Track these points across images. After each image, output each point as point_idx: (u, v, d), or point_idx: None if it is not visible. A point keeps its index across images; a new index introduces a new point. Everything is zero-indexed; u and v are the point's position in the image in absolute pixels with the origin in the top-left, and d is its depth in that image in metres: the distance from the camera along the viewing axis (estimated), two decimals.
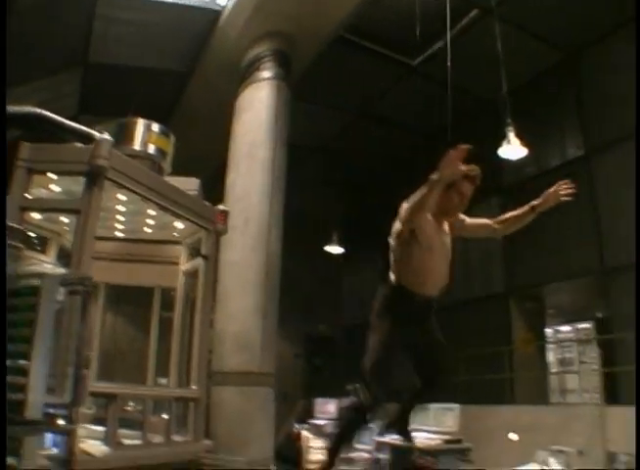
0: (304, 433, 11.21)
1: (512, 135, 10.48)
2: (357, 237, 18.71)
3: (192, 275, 6.93)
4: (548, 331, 14.00)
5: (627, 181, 11.36)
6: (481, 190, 14.51)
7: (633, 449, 6.90)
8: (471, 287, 14.68)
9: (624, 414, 9.43)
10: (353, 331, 18.45)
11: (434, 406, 9.07)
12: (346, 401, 11.55)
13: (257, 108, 11.01)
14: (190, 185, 6.80)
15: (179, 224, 6.80)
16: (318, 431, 11.17)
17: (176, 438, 5.83)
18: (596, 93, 12.62)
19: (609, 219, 11.90)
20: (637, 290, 3.34)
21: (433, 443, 8.39)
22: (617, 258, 11.55)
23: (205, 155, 14.17)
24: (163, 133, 6.89)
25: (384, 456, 9.10)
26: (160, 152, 6.76)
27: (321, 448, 10.74)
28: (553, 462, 6.38)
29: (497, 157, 11.28)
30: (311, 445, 10.87)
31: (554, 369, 13.17)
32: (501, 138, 10.64)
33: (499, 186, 14.37)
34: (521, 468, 6.44)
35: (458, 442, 8.47)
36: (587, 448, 4.48)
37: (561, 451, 6.54)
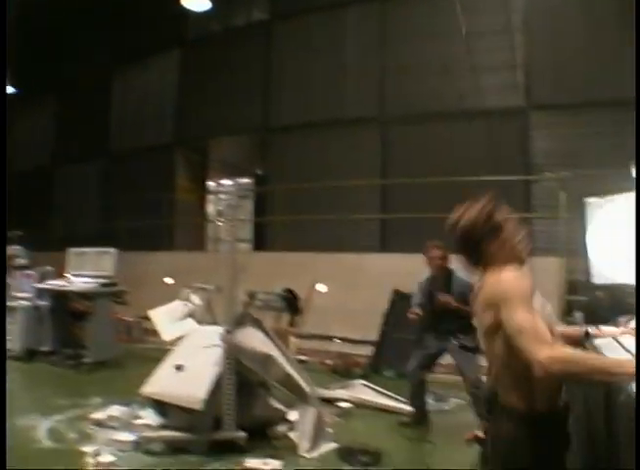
0: None
1: None
2: (28, 77, 17.11)
3: None
4: (210, 184, 14.74)
5: (308, 49, 12.09)
6: (161, 40, 14.15)
7: (268, 289, 7.87)
8: (141, 136, 14.59)
9: (266, 258, 10.63)
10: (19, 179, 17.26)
11: (90, 251, 9.05)
12: None
13: None
14: None
15: None
16: None
17: None
18: None
19: (277, 82, 12.57)
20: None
21: (88, 286, 8.51)
22: (281, 118, 12.39)
23: None
24: None
25: (43, 303, 8.98)
26: None
27: None
28: (195, 298, 7.00)
29: (182, 7, 11.13)
30: None
31: (212, 219, 14.06)
32: None
33: (182, 38, 14.19)
34: (166, 306, 6.90)
35: (114, 285, 8.70)
36: (233, 288, 5.04)
37: (202, 288, 7.19)
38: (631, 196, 4.90)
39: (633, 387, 1.73)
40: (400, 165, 10.80)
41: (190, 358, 5.23)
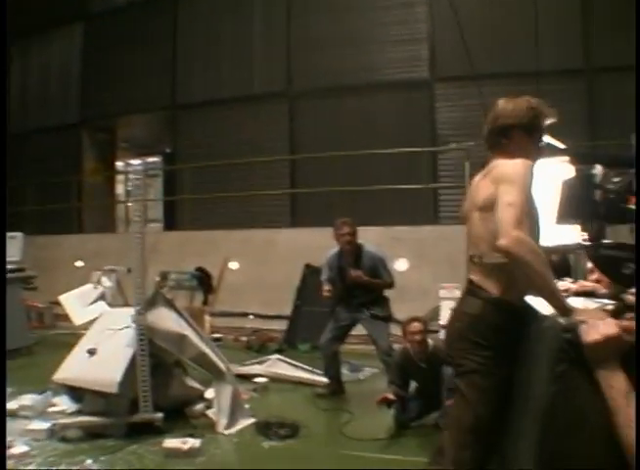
0: None
1: None
2: None
3: None
4: (119, 164, 14.40)
5: (215, 24, 11.91)
6: (63, 13, 13.53)
7: (181, 268, 7.81)
8: (44, 115, 14.06)
9: (177, 237, 10.54)
10: None
11: None
12: None
13: None
14: None
15: None
16: None
17: None
18: None
19: (184, 58, 12.36)
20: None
21: None
22: (188, 95, 12.22)
23: None
24: None
25: None
26: None
27: None
28: (105, 281, 6.92)
29: None
30: None
31: (122, 200, 13.78)
32: None
33: (85, 11, 13.68)
34: (77, 289, 6.79)
35: (21, 270, 8.43)
36: (144, 269, 4.99)
37: (112, 270, 7.11)
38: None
39: (560, 318, 1.84)
40: (310, 140, 10.88)
41: (103, 342, 5.17)
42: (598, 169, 2.17)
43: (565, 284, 2.95)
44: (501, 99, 2.68)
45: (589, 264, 2.92)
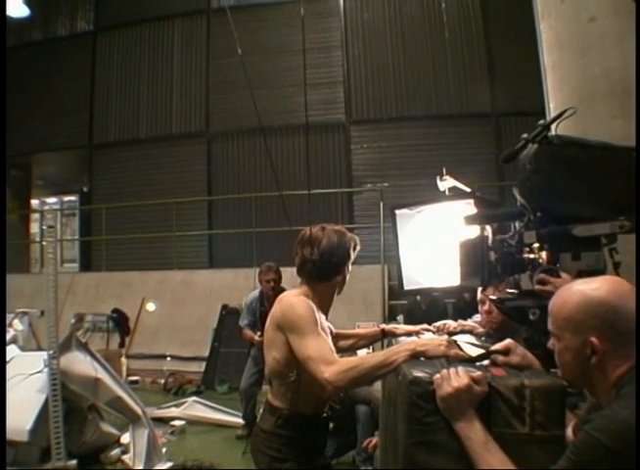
0: None
1: None
2: None
3: None
4: (34, 202, 14.06)
5: (127, 64, 11.90)
6: None
7: (97, 310, 7.69)
8: None
9: (93, 278, 10.33)
10: None
11: None
12: None
13: None
14: None
15: None
16: None
17: None
18: None
19: (103, 96, 12.29)
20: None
21: None
22: (106, 134, 12.15)
23: None
24: None
25: None
26: None
27: None
28: (17, 323, 6.75)
29: None
30: None
31: (37, 239, 13.41)
32: None
33: None
34: None
35: None
36: (57, 311, 4.91)
37: (24, 313, 6.94)
38: (437, 207, 5.34)
39: (407, 367, 1.88)
40: (227, 181, 10.98)
41: (13, 387, 5.02)
42: (489, 231, 2.31)
43: (406, 327, 3.01)
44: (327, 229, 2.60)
45: (479, 297, 3.05)
